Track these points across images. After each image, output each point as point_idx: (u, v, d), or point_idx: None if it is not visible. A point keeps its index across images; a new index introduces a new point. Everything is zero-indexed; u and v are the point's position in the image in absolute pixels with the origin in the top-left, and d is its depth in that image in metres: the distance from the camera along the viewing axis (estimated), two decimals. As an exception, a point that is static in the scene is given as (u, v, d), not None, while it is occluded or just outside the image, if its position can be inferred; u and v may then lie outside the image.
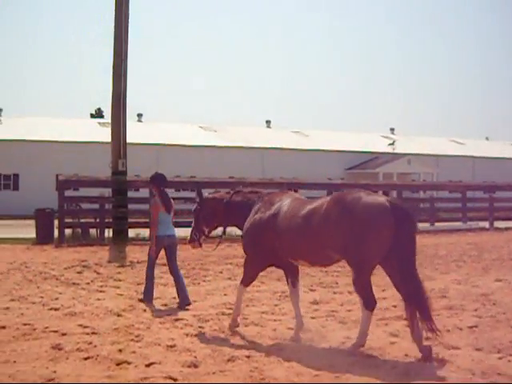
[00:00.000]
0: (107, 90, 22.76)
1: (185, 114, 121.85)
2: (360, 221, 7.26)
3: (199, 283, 13.05)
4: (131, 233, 22.07)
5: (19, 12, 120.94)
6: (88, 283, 12.77)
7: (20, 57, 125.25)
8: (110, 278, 13.51)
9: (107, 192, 23.13)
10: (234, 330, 8.63)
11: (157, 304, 10.61)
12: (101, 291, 11.91)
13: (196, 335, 8.41)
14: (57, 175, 22.90)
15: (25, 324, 8.94)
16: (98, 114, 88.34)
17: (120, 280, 13.24)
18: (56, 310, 10.03)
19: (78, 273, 14.17)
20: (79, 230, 22.14)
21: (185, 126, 59.10)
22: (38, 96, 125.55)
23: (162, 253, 10.95)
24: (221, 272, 14.51)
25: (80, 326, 8.86)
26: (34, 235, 21.41)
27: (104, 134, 47.09)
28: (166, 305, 10.63)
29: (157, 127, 56.60)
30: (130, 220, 22.32)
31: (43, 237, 20.80)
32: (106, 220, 22.23)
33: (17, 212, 40.93)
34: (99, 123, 58.09)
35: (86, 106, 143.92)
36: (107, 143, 24.30)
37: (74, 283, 12.72)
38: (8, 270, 14.48)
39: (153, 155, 50.67)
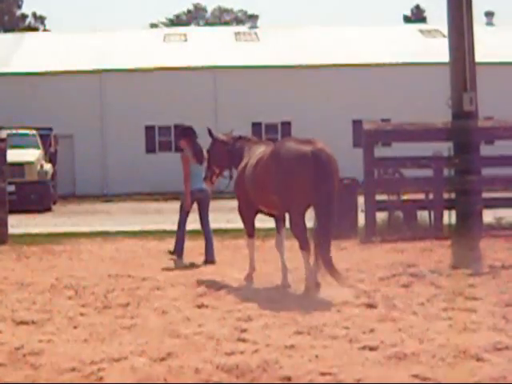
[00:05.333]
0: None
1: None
2: (284, 168, 12.73)
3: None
4: (487, 215, 21.72)
5: None
6: (421, 303, 12.74)
7: None
8: (458, 294, 13.38)
9: (447, 148, 22.30)
10: (249, 281, 14.53)
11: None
12: (446, 318, 11.74)
13: None
14: (356, 121, 22.89)
15: (323, 373, 8.95)
16: (417, 15, 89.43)
17: (475, 298, 13.04)
18: (373, 349, 10.02)
19: (404, 286, 14.28)
20: (400, 214, 22.34)
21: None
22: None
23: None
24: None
25: (415, 376, 8.77)
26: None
27: (430, 49, 47.48)
28: None
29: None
30: (483, 195, 21.90)
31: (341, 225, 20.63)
32: (445, 196, 22.06)
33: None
34: (420, 31, 58.80)
35: (397, 6, 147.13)
36: (438, 64, 24.12)
37: (393, 304, 12.71)
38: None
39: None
